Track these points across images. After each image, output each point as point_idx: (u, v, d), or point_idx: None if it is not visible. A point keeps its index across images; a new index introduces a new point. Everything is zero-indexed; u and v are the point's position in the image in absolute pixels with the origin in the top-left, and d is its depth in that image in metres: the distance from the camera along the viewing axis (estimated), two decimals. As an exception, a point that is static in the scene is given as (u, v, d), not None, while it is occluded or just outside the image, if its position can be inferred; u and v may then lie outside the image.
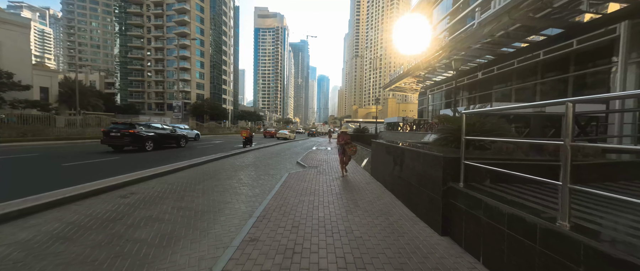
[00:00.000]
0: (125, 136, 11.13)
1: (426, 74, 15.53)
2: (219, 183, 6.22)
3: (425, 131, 10.61)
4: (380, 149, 6.30)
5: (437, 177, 3.18)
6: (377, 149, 6.61)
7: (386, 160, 5.66)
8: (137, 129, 11.67)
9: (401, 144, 5.35)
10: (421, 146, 5.21)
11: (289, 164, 9.84)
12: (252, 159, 11.12)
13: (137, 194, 4.99)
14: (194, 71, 59.53)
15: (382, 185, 5.88)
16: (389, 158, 5.41)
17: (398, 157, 4.75)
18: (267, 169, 8.64)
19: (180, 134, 15.34)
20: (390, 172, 5.27)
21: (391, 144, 5.45)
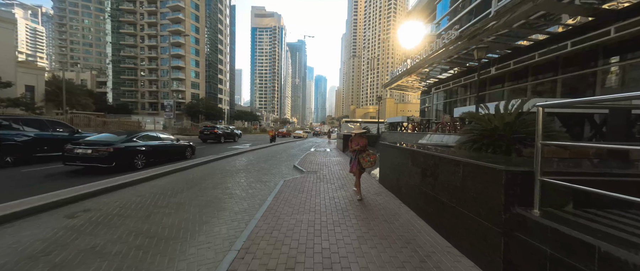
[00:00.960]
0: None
1: (432, 70, 14.65)
2: (201, 194, 5.21)
3: (434, 131, 9.69)
4: (391, 153, 5.35)
5: (494, 198, 2.23)
6: (387, 153, 5.67)
7: (400, 166, 4.71)
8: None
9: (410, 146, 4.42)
10: (442, 149, 4.28)
11: (285, 169, 8.86)
12: (245, 162, 10.11)
13: (92, 211, 3.97)
14: (188, 70, 58.15)
15: (395, 196, 4.93)
16: (404, 164, 4.47)
17: (420, 164, 3.80)
18: (260, 174, 7.64)
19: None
20: (407, 181, 4.32)
21: (408, 148, 4.49)
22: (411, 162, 4.14)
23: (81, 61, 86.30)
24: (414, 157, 4.06)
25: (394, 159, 5.19)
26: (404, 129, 13.89)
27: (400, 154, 4.83)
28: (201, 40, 60.98)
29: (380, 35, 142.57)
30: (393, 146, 5.44)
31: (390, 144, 5.61)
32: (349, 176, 7.04)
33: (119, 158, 6.98)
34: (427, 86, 19.50)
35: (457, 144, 4.59)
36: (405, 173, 4.41)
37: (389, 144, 5.82)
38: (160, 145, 8.81)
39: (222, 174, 7.41)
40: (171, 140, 9.56)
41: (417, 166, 3.91)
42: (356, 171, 4.92)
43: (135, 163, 7.46)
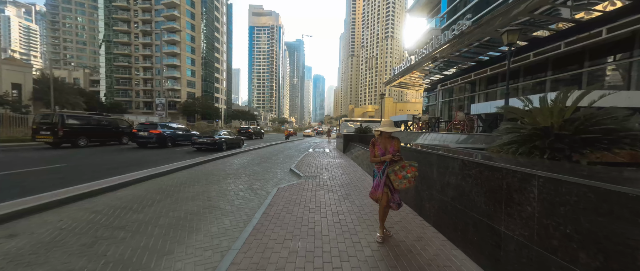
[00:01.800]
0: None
1: (438, 66, 13.74)
2: (174, 208, 4.25)
3: (447, 130, 8.75)
4: (409, 157, 4.42)
5: (619, 239, 1.30)
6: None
7: (422, 175, 3.78)
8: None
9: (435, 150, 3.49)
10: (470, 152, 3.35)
11: (281, 173, 7.90)
12: (237, 165, 9.14)
13: (18, 237, 3.00)
14: (184, 68, 56.90)
15: (416, 212, 4.01)
16: (428, 173, 3.54)
17: (455, 173, 2.86)
18: (252, 180, 6.69)
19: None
20: (434, 195, 3.39)
21: (435, 152, 3.55)
22: (441, 170, 3.20)
23: (74, 59, 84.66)
24: (444, 164, 3.12)
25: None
26: (409, 129, 12.97)
27: (422, 160, 3.90)
28: (197, 38, 59.74)
29: (378, 34, 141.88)
30: (413, 149, 4.50)
31: (409, 147, 4.67)
32: (353, 183, 6.11)
33: (217, 145, 12.75)
34: (430, 83, 18.62)
35: (493, 147, 3.66)
36: (430, 184, 3.47)
37: (406, 146, 4.89)
38: (230, 138, 14.18)
39: (207, 181, 6.44)
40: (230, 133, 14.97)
41: (449, 176, 2.98)
42: (383, 196, 2.94)
43: (223, 148, 13.04)
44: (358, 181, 6.38)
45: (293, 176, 7.46)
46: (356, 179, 6.62)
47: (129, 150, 12.34)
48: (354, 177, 6.86)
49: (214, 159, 10.16)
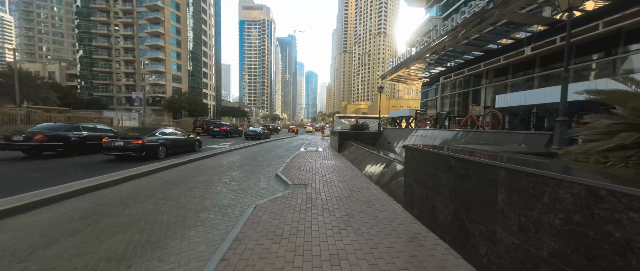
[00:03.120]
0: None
1: (444, 54, 12.54)
2: (89, 246, 2.79)
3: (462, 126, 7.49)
4: (422, 160, 3.10)
5: None
6: (415, 161, 3.42)
7: (441, 184, 2.47)
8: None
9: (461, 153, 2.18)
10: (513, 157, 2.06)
11: (264, 179, 6.48)
12: (212, 170, 7.65)
13: None
14: (169, 62, 54.05)
15: (440, 239, 2.70)
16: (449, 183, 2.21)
17: (506, 185, 1.53)
18: (225, 191, 5.25)
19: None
20: (459, 214, 2.07)
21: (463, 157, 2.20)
22: (522, 198, 1.86)
23: (51, 52, 79.60)
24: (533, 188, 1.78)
25: (428, 172, 2.97)
26: (412, 125, 11.75)
27: (442, 165, 2.58)
28: (183, 30, 56.82)
29: (371, 30, 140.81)
30: (429, 151, 3.17)
31: (425, 149, 3.34)
32: (354, 194, 4.76)
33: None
34: (429, 77, 17.48)
35: (575, 153, 2.37)
36: (493, 217, 2.14)
37: (420, 148, 3.55)
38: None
39: (166, 194, 4.96)
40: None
41: (546, 211, 1.65)
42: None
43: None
44: (360, 191, 5.04)
45: (279, 183, 6.06)
46: (357, 188, 5.29)
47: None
48: (354, 185, 5.53)
49: (188, 162, 8.62)
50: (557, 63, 8.18)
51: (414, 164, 3.60)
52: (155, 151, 8.77)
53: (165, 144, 9.39)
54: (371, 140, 12.32)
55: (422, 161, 3.33)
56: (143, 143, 8.41)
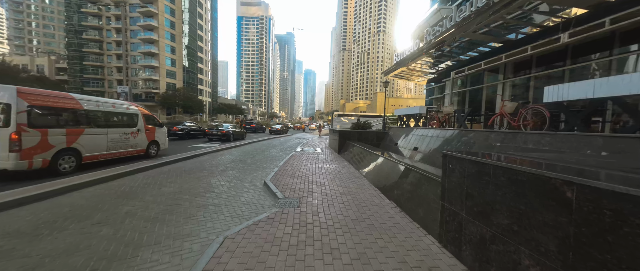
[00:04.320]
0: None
1: (457, 47, 11.31)
2: None
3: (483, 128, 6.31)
4: (517, 192, 1.87)
5: None
6: (486, 188, 2.18)
7: (567, 244, 1.21)
8: None
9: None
10: None
11: (249, 190, 5.20)
12: (186, 177, 6.36)
13: None
14: (163, 57, 52.27)
15: None
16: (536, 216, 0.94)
17: None
18: (193, 209, 3.97)
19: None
20: None
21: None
22: None
23: (42, 45, 77.12)
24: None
25: (499, 201, 1.72)
26: (421, 124, 10.51)
27: (542, 196, 1.31)
28: (178, 24, 54.99)
29: (370, 29, 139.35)
30: (502, 167, 1.92)
31: (491, 162, 2.08)
32: (364, 214, 3.50)
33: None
34: (436, 72, 16.26)
35: None
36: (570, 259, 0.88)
37: (477, 159, 2.29)
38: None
39: (107, 214, 3.67)
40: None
41: None
42: None
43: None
44: (371, 210, 3.79)
45: (266, 195, 4.79)
46: (366, 205, 4.04)
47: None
48: (362, 201, 4.28)
49: (161, 165, 7.31)
50: (596, 52, 6.97)
51: (463, 183, 2.35)
52: (228, 137, 16.05)
53: (232, 133, 16.59)
54: (375, 140, 11.08)
55: (484, 181, 2.09)
56: (226, 132, 16.06)
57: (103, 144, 6.93)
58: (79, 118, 6.42)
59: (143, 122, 8.38)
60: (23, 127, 5.20)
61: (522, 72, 9.80)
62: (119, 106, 7.65)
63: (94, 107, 6.86)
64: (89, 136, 6.51)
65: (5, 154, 4.99)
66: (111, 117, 7.34)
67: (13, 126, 5.06)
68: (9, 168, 5.04)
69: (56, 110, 5.96)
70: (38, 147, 5.43)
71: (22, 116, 5.18)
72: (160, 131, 9.17)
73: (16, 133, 5.08)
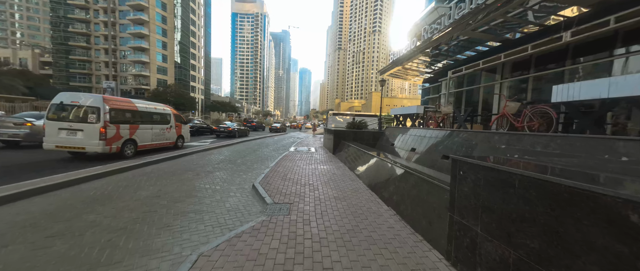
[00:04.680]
0: None
1: (456, 46, 11.09)
2: None
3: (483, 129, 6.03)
4: (553, 210, 1.53)
5: None
6: (508, 202, 1.84)
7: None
8: None
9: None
10: None
11: (235, 194, 4.77)
12: (174, 177, 5.89)
13: None
14: (153, 52, 50.90)
15: None
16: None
17: None
18: (170, 218, 3.53)
19: None
20: None
21: None
22: None
23: (26, 38, 74.12)
24: None
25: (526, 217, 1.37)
26: (418, 124, 10.25)
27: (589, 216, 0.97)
28: (169, 19, 53.62)
29: (366, 28, 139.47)
30: (530, 178, 1.59)
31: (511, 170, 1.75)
32: (362, 226, 3.14)
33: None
34: (433, 72, 16.09)
35: None
36: None
37: (495, 166, 1.95)
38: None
39: (66, 228, 3.21)
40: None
41: None
42: None
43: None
44: (368, 218, 3.44)
45: (254, 200, 4.39)
46: (363, 211, 3.69)
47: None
48: (358, 207, 3.93)
49: (145, 165, 6.80)
50: (599, 52, 6.80)
51: (478, 193, 2.01)
52: (234, 134, 18.59)
53: (238, 130, 19.26)
54: (371, 140, 10.78)
55: (507, 194, 1.75)
56: (232, 129, 18.43)
57: (149, 136, 8.83)
58: (135, 117, 8.29)
59: (173, 120, 10.23)
60: (107, 123, 7.11)
61: (521, 72, 9.64)
62: (158, 108, 9.57)
63: (143, 109, 8.72)
64: (141, 130, 8.43)
65: (96, 142, 6.94)
66: (153, 116, 9.17)
67: (101, 122, 6.99)
68: (98, 151, 7.02)
69: (123, 111, 7.83)
70: (114, 137, 7.37)
71: (106, 115, 7.11)
72: (185, 128, 11.18)
73: (103, 127, 7.01)
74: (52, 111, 6.97)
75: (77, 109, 7.04)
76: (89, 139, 6.90)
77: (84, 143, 6.90)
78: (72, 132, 6.91)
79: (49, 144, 6.88)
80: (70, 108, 7.03)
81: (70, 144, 6.89)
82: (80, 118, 6.99)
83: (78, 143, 6.90)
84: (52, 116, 6.96)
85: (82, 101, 7.10)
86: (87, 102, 7.09)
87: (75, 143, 6.90)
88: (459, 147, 5.50)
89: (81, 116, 7.01)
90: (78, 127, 6.93)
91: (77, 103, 7.06)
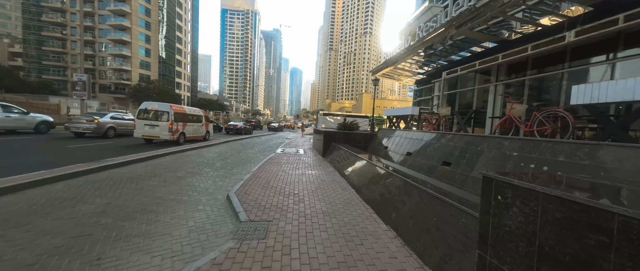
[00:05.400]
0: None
1: (452, 45, 10.69)
2: None
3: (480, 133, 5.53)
4: None
5: None
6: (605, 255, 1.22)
7: None
8: None
9: None
10: None
11: (205, 208, 3.97)
12: (136, 182, 4.99)
13: None
14: (136, 46, 48.39)
15: None
16: None
17: None
18: (113, 239, 2.72)
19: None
20: None
21: None
22: None
23: (-6, 26, 68.68)
24: None
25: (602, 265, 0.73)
26: (413, 127, 9.74)
27: None
28: (153, 12, 51.21)
29: (357, 29, 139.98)
30: (617, 215, 0.96)
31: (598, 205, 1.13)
32: (357, 255, 2.44)
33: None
34: (426, 73, 15.76)
35: None
36: None
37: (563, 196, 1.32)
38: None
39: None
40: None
41: None
42: None
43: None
44: (364, 242, 2.77)
45: (226, 216, 3.61)
46: (357, 232, 3.01)
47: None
48: (351, 227, 3.25)
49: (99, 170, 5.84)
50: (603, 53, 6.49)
51: (532, 231, 1.37)
52: (241, 131, 21.88)
53: (245, 128, 22.59)
54: (363, 143, 10.18)
55: (595, 242, 1.10)
56: (240, 127, 21.61)
57: (191, 130, 12.34)
58: (185, 117, 11.81)
59: (204, 120, 13.67)
60: (172, 121, 10.64)
61: (519, 73, 9.33)
62: (195, 111, 13.03)
63: (189, 112, 12.34)
64: (188, 126, 12.02)
65: (167, 133, 10.47)
66: (193, 117, 12.63)
67: (170, 121, 10.61)
68: (167, 139, 10.56)
69: (180, 114, 11.42)
70: (175, 131, 10.88)
71: (172, 116, 10.65)
72: (210, 126, 14.70)
73: (170, 124, 10.56)
74: (139, 114, 10.68)
75: (154, 113, 10.70)
76: (162, 131, 10.55)
77: (159, 133, 10.56)
78: (151, 126, 10.58)
79: (138, 134, 10.66)
80: (150, 112, 10.69)
81: (151, 134, 10.62)
82: (156, 118, 10.65)
83: (156, 133, 10.57)
84: (139, 117, 10.65)
85: (157, 107, 10.78)
86: (160, 108, 10.76)
87: (153, 133, 10.60)
88: (462, 153, 4.95)
89: (157, 117, 10.67)
90: (155, 124, 10.59)
91: (154, 109, 10.72)
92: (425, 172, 5.75)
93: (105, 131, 11.52)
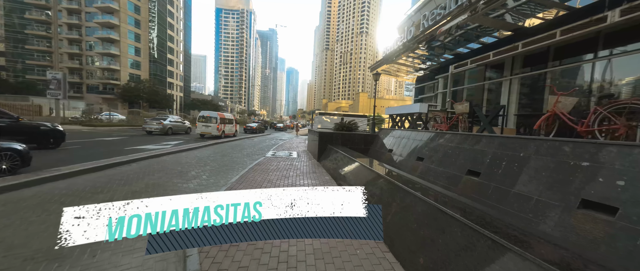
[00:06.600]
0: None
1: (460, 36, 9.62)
2: None
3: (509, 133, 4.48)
4: None
5: None
6: None
7: None
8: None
9: None
10: None
11: (142, 247, 2.81)
12: (76, 199, 3.80)
13: None
14: (125, 44, 46.67)
15: None
16: None
17: None
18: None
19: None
20: None
21: None
22: None
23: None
24: None
25: None
26: (421, 127, 8.65)
27: None
28: (143, 8, 49.52)
29: (353, 29, 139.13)
30: None
31: None
32: None
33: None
34: (428, 68, 14.73)
35: None
36: None
37: None
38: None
39: None
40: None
41: None
42: None
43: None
44: None
45: (168, 267, 2.44)
46: None
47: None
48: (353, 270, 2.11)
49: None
50: None
51: None
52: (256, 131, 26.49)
53: (259, 128, 27.70)
54: (363, 145, 9.06)
55: None
56: (255, 128, 26.57)
57: (228, 129, 18.16)
58: (224, 120, 17.88)
59: (235, 122, 19.79)
60: (218, 124, 16.93)
61: (536, 66, 8.29)
62: (230, 116, 19.55)
63: (227, 117, 18.57)
64: (226, 126, 17.90)
65: (216, 131, 16.53)
66: (229, 120, 18.74)
67: (217, 123, 16.80)
68: (216, 134, 16.62)
69: (222, 118, 17.48)
70: (221, 130, 17.03)
71: (218, 120, 17.12)
72: (238, 126, 20.74)
73: (218, 125, 16.76)
74: (199, 119, 16.61)
75: (208, 118, 16.60)
76: (213, 130, 16.33)
77: (211, 131, 16.29)
78: (207, 126, 16.28)
79: (198, 131, 16.50)
80: (206, 117, 16.60)
81: (206, 132, 16.24)
82: (210, 121, 16.56)
83: (209, 131, 16.28)
84: (199, 121, 16.54)
85: (209, 114, 16.78)
86: (211, 115, 16.78)
87: (208, 131, 16.26)
88: (495, 160, 3.84)
89: (210, 120, 16.59)
90: (209, 124, 16.39)
91: (208, 116, 16.67)
92: (443, 183, 4.64)
93: (166, 130, 16.18)
